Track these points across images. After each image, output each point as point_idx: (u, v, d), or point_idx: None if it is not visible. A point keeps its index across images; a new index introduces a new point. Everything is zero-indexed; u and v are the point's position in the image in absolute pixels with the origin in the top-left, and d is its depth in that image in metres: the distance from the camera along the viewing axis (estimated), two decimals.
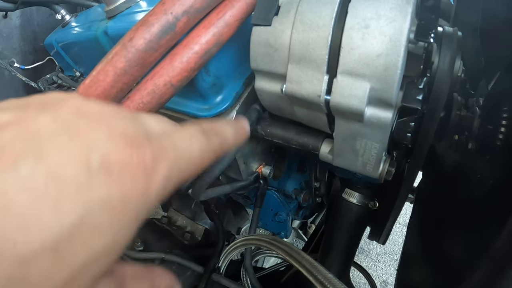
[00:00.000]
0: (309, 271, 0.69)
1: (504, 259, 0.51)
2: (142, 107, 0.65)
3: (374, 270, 2.14)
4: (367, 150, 0.63)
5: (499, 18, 0.76)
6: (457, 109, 0.77)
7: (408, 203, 1.26)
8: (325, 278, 0.67)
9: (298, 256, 0.69)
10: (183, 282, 0.86)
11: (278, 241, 0.73)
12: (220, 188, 0.80)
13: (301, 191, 1.00)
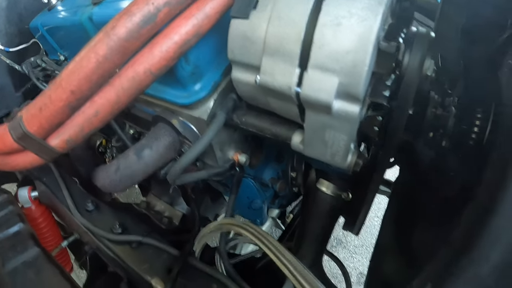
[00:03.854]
0: (275, 254, 0.73)
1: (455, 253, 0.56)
2: (122, 93, 0.69)
3: (351, 261, 2.21)
4: (336, 141, 0.68)
5: (483, 18, 0.80)
6: (433, 107, 0.82)
7: (385, 197, 1.32)
8: (288, 260, 0.72)
9: (266, 241, 0.74)
10: (159, 265, 0.91)
11: (250, 226, 0.77)
12: (196, 173, 0.85)
13: (278, 180, 1.04)
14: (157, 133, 0.84)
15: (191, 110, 0.80)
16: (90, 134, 0.74)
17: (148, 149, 0.83)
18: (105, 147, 1.20)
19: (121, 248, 0.96)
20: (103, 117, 0.71)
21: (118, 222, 0.97)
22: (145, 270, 0.91)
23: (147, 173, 0.86)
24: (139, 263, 0.92)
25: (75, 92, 0.67)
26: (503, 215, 0.50)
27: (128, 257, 0.94)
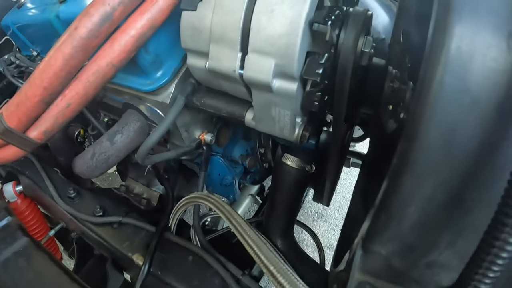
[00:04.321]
0: (232, 223, 0.87)
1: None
2: (88, 86, 0.83)
3: (332, 234, 2.39)
4: (281, 116, 0.82)
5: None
6: (390, 81, 0.95)
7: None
8: (239, 224, 0.85)
9: (226, 211, 0.88)
10: (139, 242, 1.06)
11: (213, 198, 0.91)
12: (165, 153, 0.99)
13: (247, 157, 1.19)
14: (127, 119, 0.99)
15: (155, 95, 0.93)
16: (64, 124, 0.88)
17: (119, 134, 0.98)
18: (83, 136, 1.34)
19: (103, 229, 1.10)
20: (74, 108, 0.85)
21: (98, 205, 1.11)
22: (126, 248, 1.06)
23: (120, 157, 1.00)
24: (120, 242, 1.07)
25: (47, 88, 0.81)
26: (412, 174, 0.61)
27: (110, 237, 1.08)
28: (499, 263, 0.44)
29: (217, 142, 1.09)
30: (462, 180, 0.51)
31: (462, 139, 0.46)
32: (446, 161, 0.49)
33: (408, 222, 0.58)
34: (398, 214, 0.58)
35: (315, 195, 1.18)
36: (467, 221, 0.56)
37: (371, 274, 0.71)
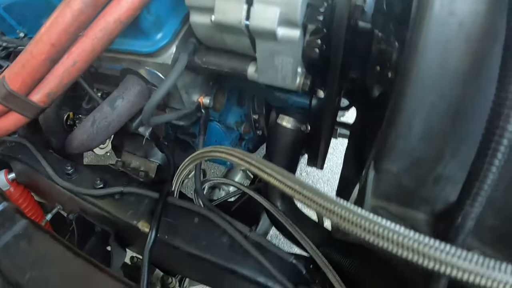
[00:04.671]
0: (248, 161, 0.85)
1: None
2: (96, 42, 0.87)
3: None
4: (284, 65, 0.88)
5: None
6: (377, 43, 1.02)
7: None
8: (256, 161, 0.85)
9: (238, 154, 0.85)
10: (143, 209, 1.09)
11: (220, 147, 0.91)
12: (167, 115, 1.03)
13: (242, 123, 1.24)
14: (127, 84, 1.02)
15: (155, 57, 0.97)
16: (69, 84, 0.91)
17: (120, 99, 1.01)
18: (73, 119, 1.36)
19: (105, 201, 1.12)
20: (80, 66, 0.89)
21: (98, 178, 1.14)
22: (130, 216, 1.08)
23: (122, 122, 1.04)
24: (124, 211, 1.09)
25: (55, 44, 0.84)
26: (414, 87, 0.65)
27: (113, 208, 1.10)
28: (495, 164, 0.50)
29: (213, 107, 1.13)
30: (458, 90, 0.59)
31: (454, 54, 0.55)
32: (442, 74, 0.57)
33: (415, 134, 0.65)
34: (405, 126, 0.65)
35: (309, 160, 1.24)
36: (466, 130, 0.63)
37: (383, 197, 0.77)
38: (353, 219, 0.48)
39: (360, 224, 0.47)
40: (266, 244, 1.01)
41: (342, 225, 0.48)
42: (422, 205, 0.76)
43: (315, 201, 0.53)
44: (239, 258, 1.00)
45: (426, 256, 0.42)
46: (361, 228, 0.47)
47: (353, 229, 0.47)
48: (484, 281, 0.39)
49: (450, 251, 0.41)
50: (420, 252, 0.42)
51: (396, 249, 0.43)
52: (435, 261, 0.41)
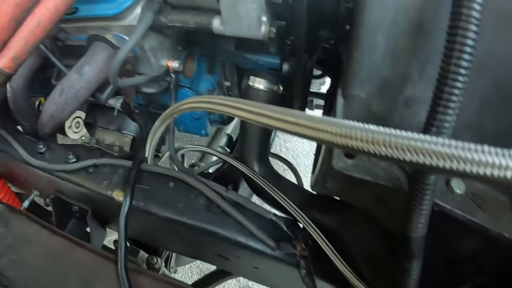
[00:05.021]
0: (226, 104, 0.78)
1: None
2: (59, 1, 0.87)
3: (304, 180, 2.44)
4: (248, 12, 0.88)
5: None
6: (345, 2, 1.03)
7: None
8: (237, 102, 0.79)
9: (215, 100, 0.73)
10: (117, 179, 1.08)
11: (194, 99, 0.83)
12: (136, 78, 1.04)
13: (214, 91, 1.24)
14: (93, 50, 1.02)
15: (121, 20, 0.97)
16: (34, 46, 0.91)
17: (87, 65, 1.02)
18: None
19: (79, 175, 1.11)
20: (44, 27, 0.88)
21: (71, 152, 1.13)
22: (104, 187, 1.07)
23: (90, 90, 1.04)
24: (98, 183, 1.08)
25: (19, 4, 0.84)
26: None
27: (87, 181, 1.09)
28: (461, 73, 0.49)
29: (183, 73, 1.14)
30: (417, 4, 0.61)
31: None
32: None
33: (379, 52, 0.66)
34: (368, 43, 0.66)
35: None
36: (431, 46, 0.65)
37: None
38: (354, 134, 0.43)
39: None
40: (243, 202, 1.01)
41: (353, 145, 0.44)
42: None
43: (317, 128, 0.48)
44: (217, 219, 1.00)
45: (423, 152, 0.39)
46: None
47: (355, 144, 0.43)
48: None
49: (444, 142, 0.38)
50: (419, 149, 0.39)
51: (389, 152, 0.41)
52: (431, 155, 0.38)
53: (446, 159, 0.37)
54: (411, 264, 0.68)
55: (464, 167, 0.36)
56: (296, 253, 0.99)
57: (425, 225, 0.61)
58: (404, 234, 0.63)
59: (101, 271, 1.01)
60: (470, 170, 0.36)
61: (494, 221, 0.66)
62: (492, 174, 0.35)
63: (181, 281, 1.02)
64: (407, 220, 0.61)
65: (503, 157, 0.34)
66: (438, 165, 0.38)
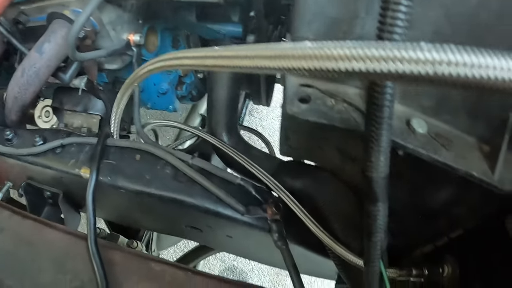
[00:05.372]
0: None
1: None
2: None
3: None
4: None
5: None
6: None
7: None
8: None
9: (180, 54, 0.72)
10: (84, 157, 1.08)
11: (160, 57, 0.78)
12: (96, 52, 1.05)
13: None
14: (53, 27, 1.03)
15: None
16: None
17: (47, 43, 1.03)
18: None
19: (46, 157, 1.11)
20: None
21: (37, 135, 1.14)
22: (72, 166, 1.07)
23: (51, 68, 1.04)
24: (65, 163, 1.08)
25: None
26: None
27: (55, 162, 1.09)
28: None
29: (146, 47, 1.15)
30: None
31: None
32: None
33: None
34: None
35: (253, 98, 1.25)
36: None
37: None
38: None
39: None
40: (210, 168, 1.01)
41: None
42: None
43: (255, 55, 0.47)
44: (184, 187, 1.00)
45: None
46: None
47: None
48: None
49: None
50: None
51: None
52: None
53: (388, 61, 0.36)
54: (375, 207, 0.66)
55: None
56: (267, 217, 0.99)
57: (386, 165, 0.60)
58: (365, 175, 0.62)
59: (73, 250, 1.02)
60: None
61: (461, 159, 0.66)
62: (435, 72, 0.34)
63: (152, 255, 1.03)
64: (366, 161, 0.60)
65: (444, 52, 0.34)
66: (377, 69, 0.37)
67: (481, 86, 0.33)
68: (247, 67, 0.50)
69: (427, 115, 0.72)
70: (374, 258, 0.70)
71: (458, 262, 0.84)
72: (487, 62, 0.32)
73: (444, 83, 0.35)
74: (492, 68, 0.32)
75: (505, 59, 0.32)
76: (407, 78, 0.36)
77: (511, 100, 0.64)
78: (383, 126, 0.54)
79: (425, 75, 0.35)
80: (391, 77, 0.37)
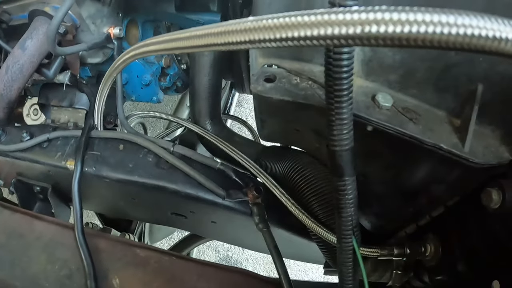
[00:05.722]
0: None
1: None
2: None
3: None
4: None
5: None
6: None
7: None
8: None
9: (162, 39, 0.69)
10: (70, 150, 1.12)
11: (137, 46, 0.78)
12: (77, 46, 1.08)
13: (162, 57, 1.29)
14: (34, 24, 1.07)
15: None
16: None
17: (29, 39, 1.06)
18: None
19: (34, 152, 1.14)
20: None
21: (24, 131, 1.18)
22: (58, 159, 1.11)
23: (35, 63, 1.08)
24: (52, 156, 1.12)
25: None
26: None
27: (42, 156, 1.13)
28: None
29: (127, 40, 1.19)
30: None
31: None
32: None
33: None
34: None
35: (236, 87, 1.28)
36: None
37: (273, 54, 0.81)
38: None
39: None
40: (190, 154, 1.04)
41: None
42: (316, 56, 0.79)
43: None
44: (166, 173, 1.03)
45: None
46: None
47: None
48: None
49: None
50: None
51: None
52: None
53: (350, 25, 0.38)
54: (343, 182, 0.67)
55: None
56: (248, 200, 1.01)
57: (350, 139, 0.61)
58: (330, 150, 0.63)
59: (61, 239, 1.05)
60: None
61: (429, 132, 0.67)
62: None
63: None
64: (330, 135, 0.61)
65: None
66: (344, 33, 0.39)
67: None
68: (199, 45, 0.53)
69: (394, 90, 0.74)
70: (346, 234, 0.71)
71: (440, 240, 0.86)
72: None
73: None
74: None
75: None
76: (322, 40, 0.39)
77: (478, 71, 0.66)
78: (342, 99, 0.56)
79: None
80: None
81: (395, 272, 0.95)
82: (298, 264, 1.52)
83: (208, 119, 1.18)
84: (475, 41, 0.34)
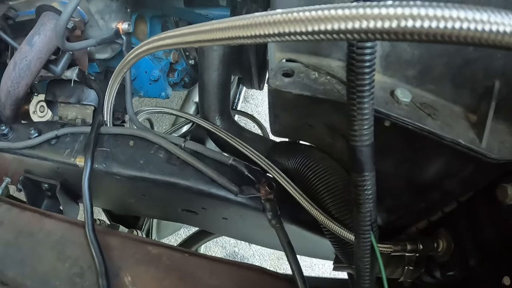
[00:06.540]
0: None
1: None
2: None
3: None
4: None
5: None
6: None
7: None
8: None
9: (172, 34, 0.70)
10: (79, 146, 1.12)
11: (146, 42, 0.80)
12: (85, 41, 1.09)
13: (170, 52, 1.30)
14: (42, 20, 1.07)
15: None
16: None
17: (37, 35, 1.07)
18: None
19: (42, 149, 1.15)
20: None
21: (32, 128, 1.18)
22: (67, 156, 1.11)
23: (42, 59, 1.08)
24: (61, 153, 1.13)
25: None
26: None
27: (51, 153, 1.14)
28: None
29: (136, 37, 1.19)
30: None
31: None
32: None
33: None
34: None
35: (245, 82, 1.29)
36: None
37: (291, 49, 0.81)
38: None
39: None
40: (202, 150, 1.05)
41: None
42: (334, 51, 0.80)
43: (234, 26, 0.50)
44: (177, 169, 1.04)
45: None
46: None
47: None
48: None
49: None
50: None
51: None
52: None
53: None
54: (363, 177, 0.67)
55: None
56: (261, 196, 1.02)
57: (371, 134, 0.62)
58: (350, 145, 0.64)
59: (71, 237, 1.05)
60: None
61: (447, 128, 0.68)
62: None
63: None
64: (350, 130, 0.62)
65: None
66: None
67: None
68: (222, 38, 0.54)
69: (412, 85, 0.74)
70: (364, 230, 0.72)
71: (452, 236, 0.87)
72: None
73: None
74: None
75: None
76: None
77: (496, 67, 0.67)
78: (364, 94, 0.57)
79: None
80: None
81: (407, 268, 0.95)
82: (304, 260, 1.53)
83: (218, 114, 1.18)
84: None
